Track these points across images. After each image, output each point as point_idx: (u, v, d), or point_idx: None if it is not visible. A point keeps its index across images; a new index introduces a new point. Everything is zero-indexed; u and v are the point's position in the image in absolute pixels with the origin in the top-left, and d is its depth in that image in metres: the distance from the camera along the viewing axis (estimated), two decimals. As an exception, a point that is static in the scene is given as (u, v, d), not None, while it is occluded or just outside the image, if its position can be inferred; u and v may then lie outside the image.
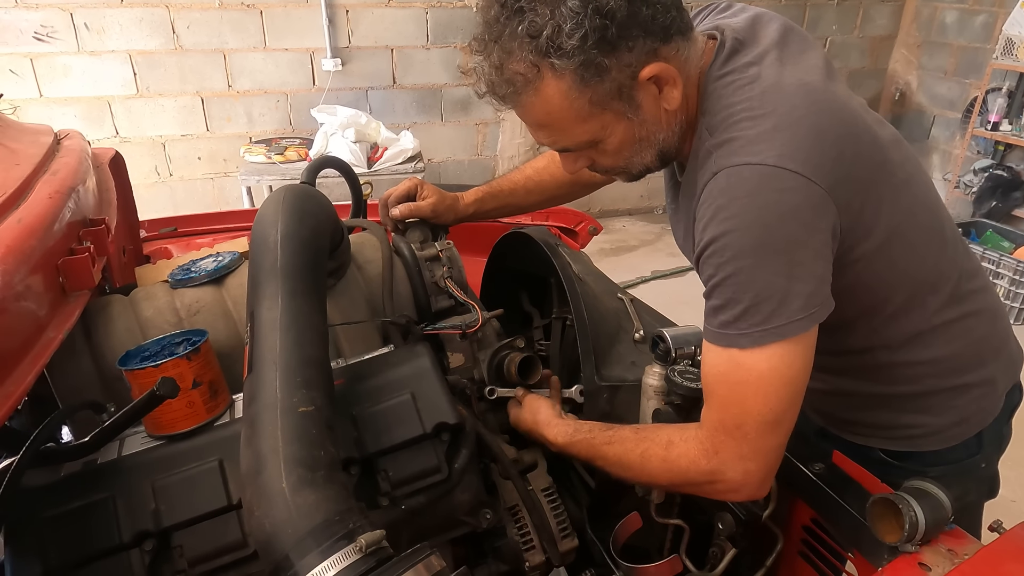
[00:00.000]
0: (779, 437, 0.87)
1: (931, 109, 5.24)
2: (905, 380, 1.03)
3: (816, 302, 0.83)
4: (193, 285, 1.06)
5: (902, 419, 1.07)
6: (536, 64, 0.82)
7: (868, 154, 0.89)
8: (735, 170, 0.83)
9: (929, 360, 1.02)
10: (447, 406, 0.93)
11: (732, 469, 0.87)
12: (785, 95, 0.86)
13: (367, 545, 0.61)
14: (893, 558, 0.82)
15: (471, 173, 4.75)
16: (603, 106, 0.86)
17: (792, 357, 0.84)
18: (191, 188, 4.24)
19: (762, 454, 0.87)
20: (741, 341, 0.83)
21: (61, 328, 0.82)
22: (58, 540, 0.77)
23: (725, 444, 0.87)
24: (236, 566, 0.81)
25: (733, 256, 0.82)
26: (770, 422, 0.85)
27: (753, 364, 0.84)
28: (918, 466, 1.06)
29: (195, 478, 0.82)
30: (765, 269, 0.81)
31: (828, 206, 0.82)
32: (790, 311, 0.81)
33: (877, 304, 0.97)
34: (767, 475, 0.89)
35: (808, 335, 0.85)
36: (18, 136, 1.24)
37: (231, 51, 3.97)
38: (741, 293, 0.82)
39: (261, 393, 0.74)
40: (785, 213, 0.81)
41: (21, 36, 3.62)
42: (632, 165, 0.97)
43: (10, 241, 0.78)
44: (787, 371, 0.84)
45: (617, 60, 0.83)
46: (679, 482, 0.94)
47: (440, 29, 4.25)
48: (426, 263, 1.21)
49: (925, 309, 0.99)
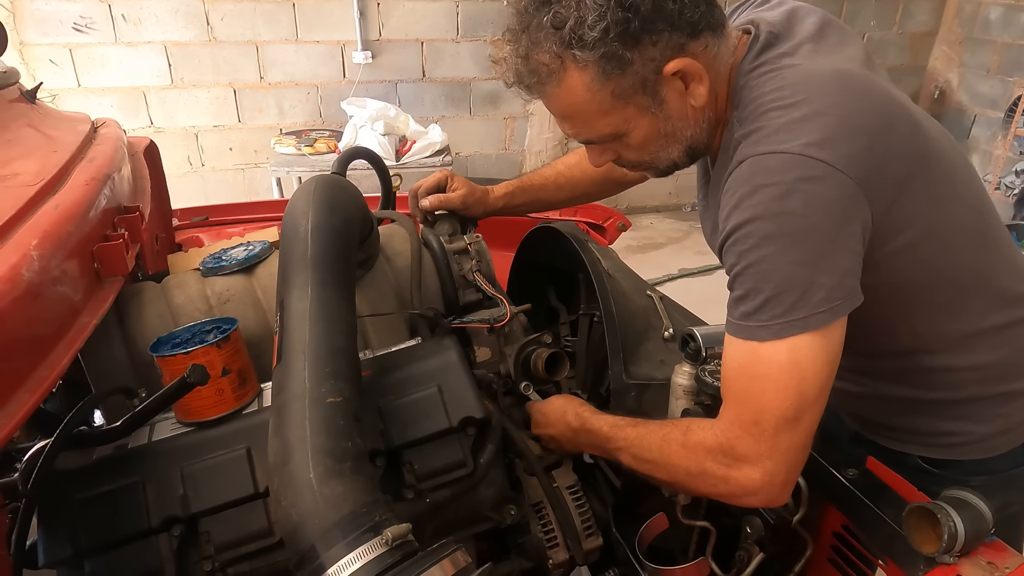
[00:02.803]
0: (799, 436, 0.82)
1: (972, 108, 5.10)
2: (947, 386, 1.00)
3: (839, 295, 0.80)
4: (224, 274, 1.07)
5: (943, 426, 1.03)
6: (560, 55, 0.83)
7: (904, 146, 0.85)
8: (760, 158, 0.81)
9: (973, 366, 0.98)
10: (474, 400, 0.92)
11: (750, 467, 0.83)
12: (817, 83, 0.84)
13: (393, 538, 0.61)
14: (929, 569, 0.80)
15: (498, 167, 4.75)
16: (626, 99, 0.86)
17: (814, 351, 0.80)
18: (222, 178, 4.30)
19: (780, 452, 0.82)
20: (761, 333, 0.81)
21: (95, 313, 0.83)
22: (89, 522, 0.78)
23: (741, 440, 0.83)
24: (262, 554, 0.82)
25: (755, 244, 0.80)
26: (789, 418, 0.81)
27: (772, 357, 0.81)
28: (959, 475, 1.02)
29: (223, 465, 0.83)
30: (787, 258, 0.79)
31: (857, 198, 0.80)
32: (812, 303, 0.78)
33: (914, 304, 0.94)
34: (787, 478, 0.84)
35: (831, 329, 0.81)
36: (56, 124, 1.26)
37: (263, 43, 4.01)
38: (762, 283, 0.80)
39: (290, 382, 0.74)
40: (810, 202, 0.78)
41: (61, 27, 3.70)
42: (658, 160, 0.97)
43: (47, 226, 0.79)
44: (808, 365, 0.80)
45: (640, 54, 0.83)
46: (693, 472, 0.89)
47: (470, 22, 4.24)
48: (454, 256, 1.21)
49: (968, 312, 0.95)
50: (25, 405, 0.65)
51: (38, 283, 0.72)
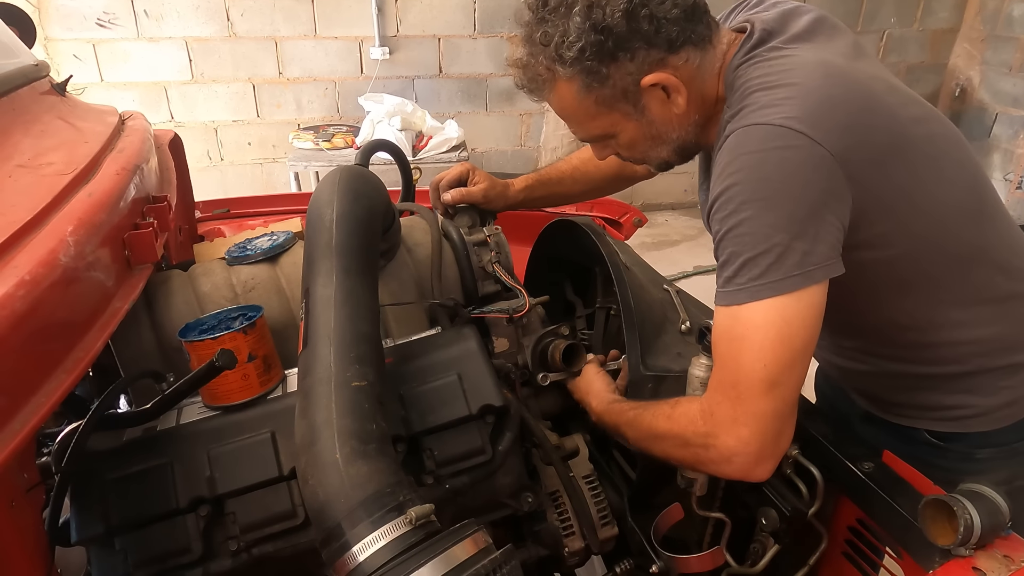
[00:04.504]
0: (775, 401, 0.83)
1: (993, 106, 5.03)
2: (950, 359, 1.01)
3: (814, 261, 0.82)
4: (249, 263, 1.09)
5: (949, 400, 1.04)
6: (550, 68, 0.93)
7: (883, 128, 0.89)
8: (743, 130, 0.86)
9: (975, 339, 0.99)
10: (493, 388, 0.93)
11: (725, 432, 0.85)
12: (802, 69, 0.89)
13: (417, 518, 0.63)
14: (945, 561, 0.80)
15: (514, 163, 4.76)
16: (610, 107, 0.96)
17: (789, 313, 0.82)
18: (241, 172, 4.34)
19: (756, 418, 0.83)
20: (740, 296, 0.83)
21: (126, 299, 0.85)
22: (120, 501, 0.80)
23: (720, 405, 0.86)
24: (285, 535, 0.84)
25: (735, 209, 0.84)
26: (764, 380, 0.82)
27: (749, 318, 0.83)
28: (965, 447, 1.05)
29: (249, 448, 0.85)
30: (763, 222, 0.82)
31: (834, 171, 0.83)
32: (787, 266, 0.81)
33: (913, 279, 0.96)
34: (763, 446, 0.85)
35: (807, 294, 0.82)
36: (85, 115, 1.28)
37: (282, 38, 4.05)
38: (740, 247, 0.83)
39: (316, 367, 0.76)
40: (786, 168, 0.82)
41: (85, 22, 3.75)
42: (648, 159, 1.06)
43: (81, 214, 0.81)
44: (784, 327, 0.82)
45: (618, 68, 0.91)
46: (678, 442, 0.92)
47: (487, 19, 4.25)
48: (474, 247, 1.22)
49: (968, 285, 0.97)
50: (62, 385, 0.67)
51: (73, 268, 0.74)
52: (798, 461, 1.00)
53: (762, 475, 0.87)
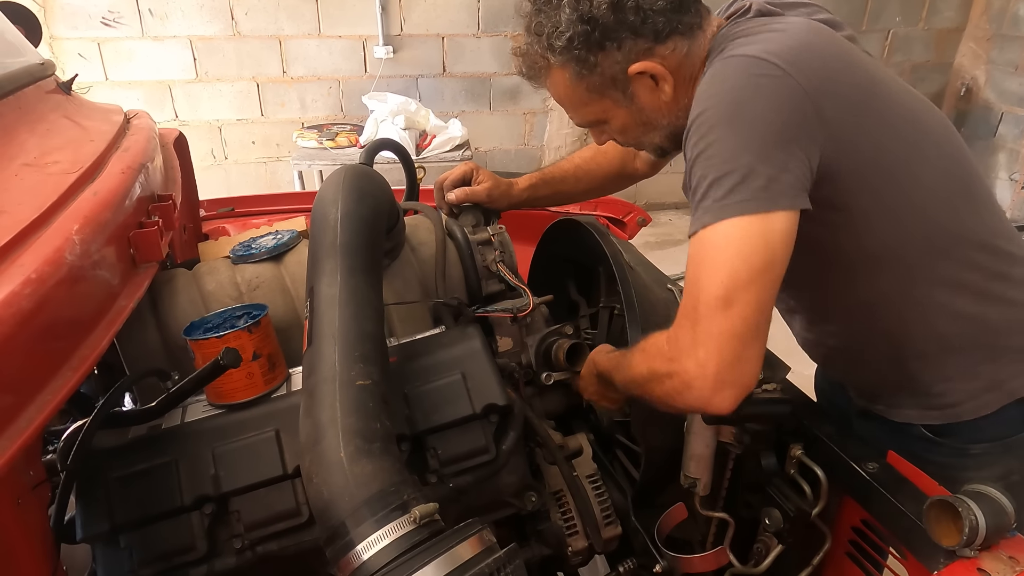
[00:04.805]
0: (731, 320, 0.82)
1: (999, 106, 5.01)
2: (930, 342, 1.02)
3: (780, 189, 0.82)
4: (253, 261, 1.09)
5: (933, 387, 1.04)
6: (544, 56, 0.99)
7: (862, 85, 0.91)
8: (721, 62, 0.89)
9: (954, 323, 1.00)
10: (497, 388, 0.93)
11: (685, 356, 0.85)
12: (788, 24, 0.93)
13: (421, 517, 0.63)
14: (950, 562, 0.80)
15: (518, 162, 4.76)
16: (600, 94, 1.00)
17: (748, 233, 0.82)
18: (245, 171, 4.35)
19: (712, 339, 0.82)
20: (705, 219, 0.84)
21: (132, 297, 0.85)
22: (125, 499, 0.81)
23: (682, 328, 0.86)
24: (289, 533, 0.84)
25: (706, 132, 0.85)
26: (720, 298, 0.82)
27: (711, 240, 0.84)
28: (959, 442, 1.05)
29: (253, 447, 0.85)
30: (731, 143, 0.83)
31: (807, 107, 0.84)
32: (751, 188, 0.81)
33: (884, 255, 0.96)
34: (720, 368, 0.82)
35: (772, 219, 0.82)
36: (91, 114, 1.29)
37: (286, 37, 4.05)
38: (708, 168, 0.84)
39: (320, 365, 0.76)
40: (759, 95, 0.84)
41: (90, 21, 3.76)
42: (642, 145, 1.10)
43: (87, 212, 0.81)
44: (741, 246, 0.82)
45: (605, 57, 0.95)
46: (650, 376, 0.91)
47: (491, 17, 4.25)
48: (478, 247, 1.22)
49: (944, 268, 0.97)
50: (68, 383, 0.67)
51: (79, 267, 0.74)
52: (802, 461, 1.00)
53: (721, 404, 0.84)
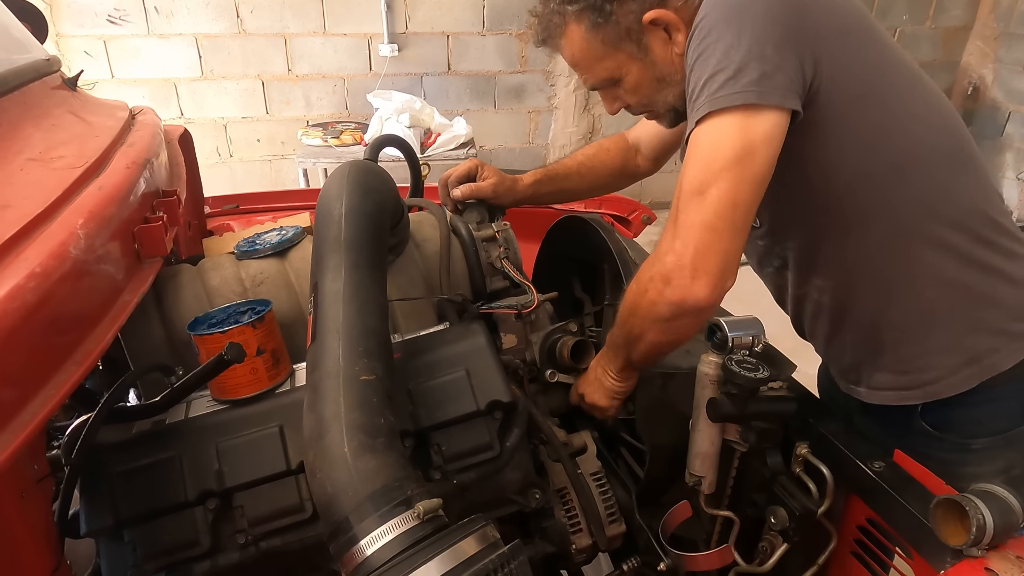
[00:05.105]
0: (703, 212, 0.86)
1: (1006, 105, 4.98)
2: (915, 306, 1.03)
3: (771, 85, 0.85)
4: (258, 257, 1.09)
5: (915, 361, 1.06)
6: (560, 12, 1.04)
7: (855, 15, 0.95)
8: None
9: (940, 287, 1.01)
10: (501, 384, 0.93)
11: (665, 253, 0.90)
12: None
13: (424, 512, 0.62)
14: (957, 562, 0.79)
15: (522, 160, 4.75)
16: (615, 47, 1.04)
17: (731, 125, 0.86)
18: (250, 169, 4.36)
19: (687, 229, 0.87)
20: (696, 116, 0.89)
21: (136, 292, 0.85)
22: (129, 494, 0.80)
23: (665, 230, 0.92)
24: (293, 529, 0.84)
25: (705, 34, 0.90)
26: (693, 190, 0.87)
27: (697, 135, 0.89)
28: (960, 437, 1.06)
29: (257, 442, 0.85)
30: (727, 42, 0.87)
31: (802, 15, 0.88)
32: (742, 82, 0.85)
33: (874, 207, 0.98)
34: (695, 258, 0.86)
35: (758, 113, 0.85)
36: (96, 110, 1.29)
37: (292, 35, 4.06)
38: (705, 66, 0.88)
39: (324, 361, 0.76)
40: (756, 1, 0.88)
41: (96, 19, 3.77)
42: (655, 103, 1.10)
43: (92, 207, 0.81)
44: (721, 138, 0.86)
45: (620, 5, 1.00)
46: (636, 292, 0.96)
47: (496, 15, 4.25)
48: (482, 243, 1.22)
49: (937, 219, 0.99)
50: (72, 377, 0.67)
51: (84, 261, 0.74)
52: (808, 459, 0.99)
53: (699, 292, 0.87)
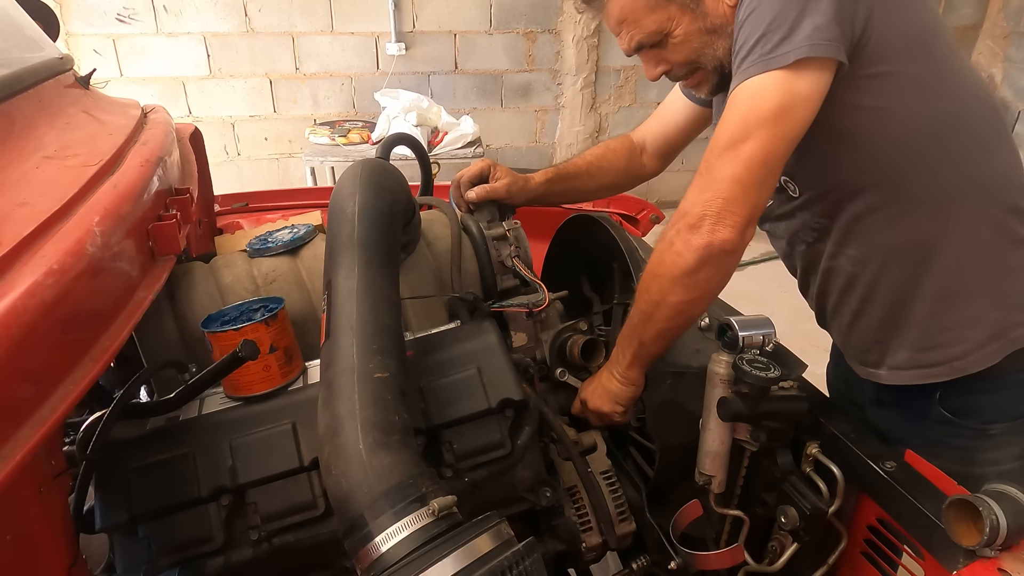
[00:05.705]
0: (735, 165, 0.88)
1: (1016, 104, 4.95)
2: (947, 273, 1.03)
3: (823, 36, 0.86)
4: (270, 255, 1.10)
5: (940, 336, 1.05)
6: None
7: None
8: None
9: (971, 253, 1.02)
10: (513, 382, 0.93)
11: (694, 202, 0.92)
12: None
13: (439, 509, 0.63)
14: (970, 562, 0.79)
15: (528, 159, 4.75)
16: None
17: (776, 83, 0.87)
18: (257, 167, 4.37)
19: (715, 181, 0.90)
20: (750, 72, 0.89)
21: (150, 289, 0.85)
22: (143, 490, 0.81)
23: (695, 183, 0.94)
24: (306, 525, 0.84)
25: None
26: (729, 143, 0.89)
27: (742, 89, 0.90)
28: (978, 423, 1.06)
29: (270, 439, 0.85)
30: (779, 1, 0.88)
31: None
32: (795, 40, 0.86)
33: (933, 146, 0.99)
34: (724, 206, 0.89)
35: (806, 68, 0.87)
36: (109, 109, 1.29)
37: (299, 34, 4.06)
38: (757, 25, 0.89)
39: (338, 358, 0.76)
40: None
41: (105, 17, 3.79)
42: (704, 57, 1.06)
43: (107, 204, 0.81)
44: (765, 94, 0.88)
45: None
46: (659, 253, 0.97)
47: (503, 14, 4.25)
48: (493, 242, 1.22)
49: (978, 187, 1.00)
50: (89, 373, 0.67)
51: (100, 258, 0.74)
52: (818, 459, 0.99)
53: (727, 235, 0.90)
